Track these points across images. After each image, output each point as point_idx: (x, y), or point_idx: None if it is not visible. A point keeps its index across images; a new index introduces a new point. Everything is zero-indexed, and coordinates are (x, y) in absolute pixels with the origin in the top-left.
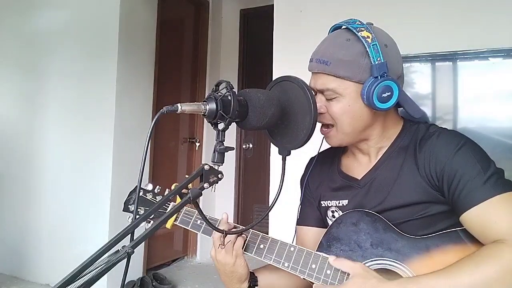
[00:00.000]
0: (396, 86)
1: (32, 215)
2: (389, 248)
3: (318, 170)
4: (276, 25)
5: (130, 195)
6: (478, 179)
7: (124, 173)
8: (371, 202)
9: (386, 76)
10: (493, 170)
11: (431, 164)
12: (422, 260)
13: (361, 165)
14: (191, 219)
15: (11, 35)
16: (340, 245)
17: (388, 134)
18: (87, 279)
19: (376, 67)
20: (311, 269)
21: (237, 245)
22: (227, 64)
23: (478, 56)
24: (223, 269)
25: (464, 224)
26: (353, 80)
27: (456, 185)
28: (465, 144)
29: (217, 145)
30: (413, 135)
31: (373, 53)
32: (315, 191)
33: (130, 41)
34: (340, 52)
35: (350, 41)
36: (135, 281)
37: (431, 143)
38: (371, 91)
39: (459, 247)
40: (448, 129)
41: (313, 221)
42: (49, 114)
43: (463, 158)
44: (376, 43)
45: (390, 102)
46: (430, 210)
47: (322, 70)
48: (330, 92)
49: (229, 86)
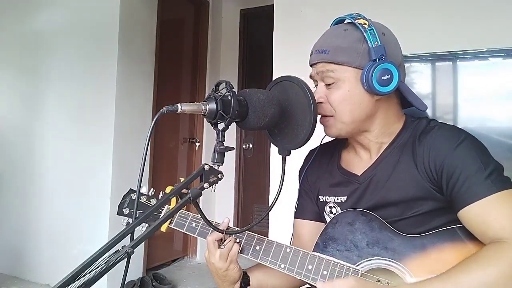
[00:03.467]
0: (395, 69)
1: (32, 215)
2: (385, 247)
3: (317, 163)
4: (276, 25)
5: (124, 198)
6: (479, 175)
7: (124, 173)
8: (369, 199)
9: (385, 59)
10: (494, 167)
11: (430, 158)
12: (419, 259)
13: (361, 161)
14: (186, 222)
15: (11, 35)
16: (336, 245)
17: (390, 129)
18: (87, 279)
19: (374, 50)
20: (308, 270)
21: (232, 252)
22: (227, 64)
23: (478, 56)
24: (216, 271)
25: (462, 220)
26: (352, 66)
27: (455, 180)
28: (466, 139)
29: (217, 145)
30: (413, 130)
31: (370, 37)
32: (313, 185)
33: (130, 41)
34: (338, 40)
35: (347, 30)
36: (135, 281)
37: (431, 137)
38: (370, 73)
39: (456, 244)
40: (449, 124)
41: (311, 214)
42: (49, 114)
43: (463, 153)
44: (373, 29)
45: (390, 86)
46: (424, 207)
47: (321, 59)
48: (330, 76)
49: (229, 86)
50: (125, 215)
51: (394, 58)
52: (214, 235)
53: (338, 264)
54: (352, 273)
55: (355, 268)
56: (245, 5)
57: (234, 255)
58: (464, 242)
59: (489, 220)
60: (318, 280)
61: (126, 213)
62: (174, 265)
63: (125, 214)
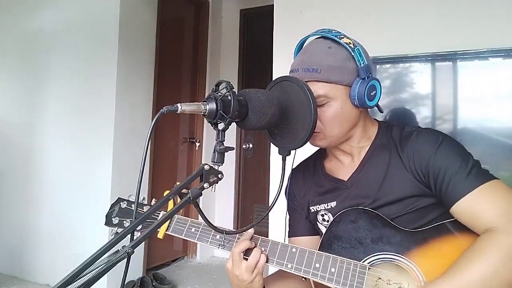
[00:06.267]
0: (379, 84)
1: (32, 215)
2: (389, 242)
3: (301, 179)
4: (276, 25)
5: (112, 208)
6: (461, 172)
7: (124, 173)
8: (360, 200)
9: (371, 76)
10: (473, 162)
11: (416, 163)
12: (422, 252)
13: (345, 166)
14: (184, 227)
15: (11, 35)
16: (341, 243)
17: (368, 133)
18: (87, 279)
19: (363, 69)
20: (315, 268)
21: (260, 263)
22: (227, 64)
23: (478, 56)
24: (239, 283)
25: (454, 215)
26: (343, 84)
27: (441, 180)
28: (443, 140)
29: (217, 145)
30: (390, 135)
31: (358, 57)
32: (303, 199)
33: (130, 41)
34: (328, 59)
35: (332, 48)
36: (135, 281)
37: (412, 142)
38: (362, 91)
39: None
40: (424, 127)
41: (304, 230)
42: (49, 114)
43: (444, 153)
44: (358, 48)
45: (375, 100)
46: (420, 203)
47: (313, 78)
48: (323, 98)
49: (229, 86)
50: (114, 224)
51: (373, 71)
52: (240, 246)
53: (345, 261)
54: (360, 268)
55: (362, 264)
56: (245, 5)
57: (261, 267)
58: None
59: (478, 211)
60: (327, 277)
61: (116, 222)
62: (174, 265)
63: (114, 223)
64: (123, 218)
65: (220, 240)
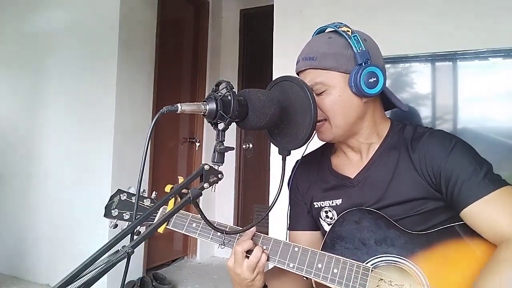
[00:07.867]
0: (380, 72)
1: (32, 215)
2: (393, 244)
3: (306, 172)
4: (276, 25)
5: (111, 199)
6: (476, 176)
7: (124, 173)
8: (366, 200)
9: (370, 62)
10: (487, 166)
11: (427, 165)
12: (427, 255)
13: (352, 163)
14: (185, 222)
15: (11, 35)
16: (344, 244)
17: (377, 129)
18: (87, 279)
19: (359, 54)
20: (318, 269)
21: (261, 262)
22: (227, 64)
23: (478, 56)
24: (240, 282)
25: (465, 219)
26: (340, 71)
27: (454, 184)
28: (457, 143)
29: (217, 145)
30: (401, 134)
31: (355, 43)
32: (306, 193)
33: (130, 41)
34: (324, 47)
35: (332, 38)
36: (135, 281)
37: (424, 144)
38: (358, 77)
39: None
40: (436, 129)
41: (306, 225)
42: (49, 114)
43: (457, 157)
44: (356, 35)
45: (377, 88)
46: (427, 206)
47: (309, 65)
48: (319, 86)
49: (229, 86)
50: (114, 216)
51: (378, 62)
52: (243, 245)
53: (348, 262)
54: (363, 270)
55: (365, 265)
56: (245, 5)
57: (262, 266)
58: (463, 239)
59: (491, 217)
60: (329, 278)
61: (115, 214)
62: (174, 265)
63: (114, 215)
64: (122, 210)
65: (221, 236)
